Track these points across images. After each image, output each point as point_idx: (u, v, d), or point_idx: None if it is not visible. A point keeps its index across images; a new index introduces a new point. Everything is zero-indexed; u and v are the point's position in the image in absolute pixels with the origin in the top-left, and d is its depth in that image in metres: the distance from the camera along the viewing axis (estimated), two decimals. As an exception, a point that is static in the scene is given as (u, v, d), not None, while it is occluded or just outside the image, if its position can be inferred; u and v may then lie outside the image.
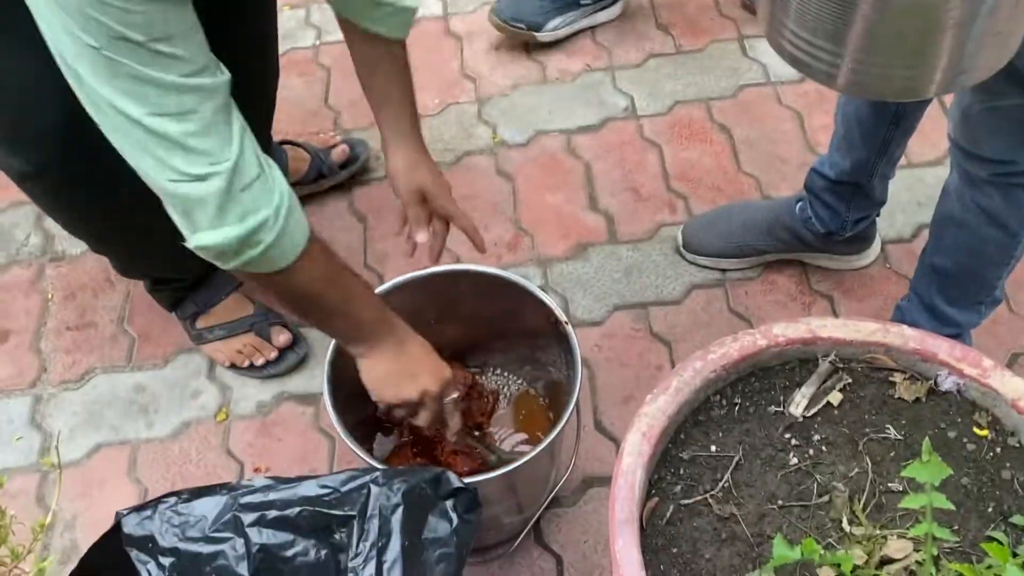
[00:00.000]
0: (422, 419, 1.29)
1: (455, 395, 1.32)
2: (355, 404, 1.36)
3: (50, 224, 1.91)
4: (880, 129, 1.49)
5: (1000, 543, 0.86)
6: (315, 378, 1.68)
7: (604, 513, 1.50)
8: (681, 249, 1.80)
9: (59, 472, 0.94)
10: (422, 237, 1.40)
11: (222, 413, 1.65)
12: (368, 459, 1.23)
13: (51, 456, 0.90)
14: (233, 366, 1.68)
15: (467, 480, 1.03)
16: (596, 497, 1.52)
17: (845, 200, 1.63)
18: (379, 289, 1.39)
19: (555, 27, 2.17)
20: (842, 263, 1.76)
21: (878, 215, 1.70)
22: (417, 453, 1.43)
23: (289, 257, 1.07)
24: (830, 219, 1.66)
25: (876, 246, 1.77)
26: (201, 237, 1.01)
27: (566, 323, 1.34)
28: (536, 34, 2.16)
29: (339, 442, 1.60)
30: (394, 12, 1.31)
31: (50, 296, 1.83)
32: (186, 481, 1.58)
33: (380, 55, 1.34)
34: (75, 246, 1.89)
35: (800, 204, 1.70)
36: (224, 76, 1.01)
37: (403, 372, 1.24)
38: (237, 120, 1.02)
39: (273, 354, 1.67)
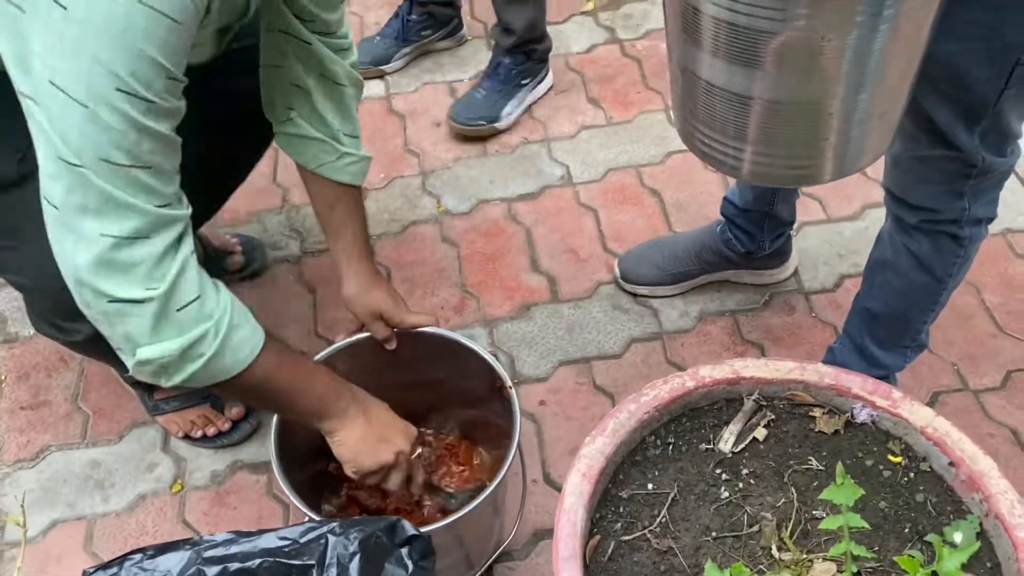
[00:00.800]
0: (394, 480, 1.34)
1: (419, 451, 1.38)
2: (303, 467, 1.41)
3: (2, 307, 1.94)
4: None
5: (913, 558, 0.93)
6: (266, 446, 1.70)
7: (556, 564, 1.54)
8: (619, 280, 1.92)
9: (23, 545, 0.96)
10: (391, 346, 1.48)
11: (177, 484, 1.67)
12: (314, 516, 1.27)
13: (16, 518, 0.92)
14: (187, 436, 1.71)
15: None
16: (547, 549, 1.57)
17: (758, 224, 1.78)
18: (327, 351, 1.45)
19: (509, 112, 2.29)
20: (765, 277, 1.91)
21: (792, 232, 1.85)
22: (360, 512, 1.47)
23: (233, 370, 1.12)
24: (748, 241, 1.82)
25: (794, 259, 1.92)
26: (142, 352, 1.05)
27: (509, 387, 1.40)
28: (496, 125, 2.28)
29: (292, 508, 1.63)
30: (356, 160, 1.47)
31: (3, 377, 1.84)
32: (143, 553, 1.59)
33: (339, 194, 1.46)
34: (28, 327, 1.91)
35: (720, 227, 1.85)
36: (186, 210, 1.08)
37: (375, 437, 1.30)
38: (186, 247, 1.07)
39: (226, 425, 1.71)
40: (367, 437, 1.29)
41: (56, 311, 1.34)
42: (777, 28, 0.89)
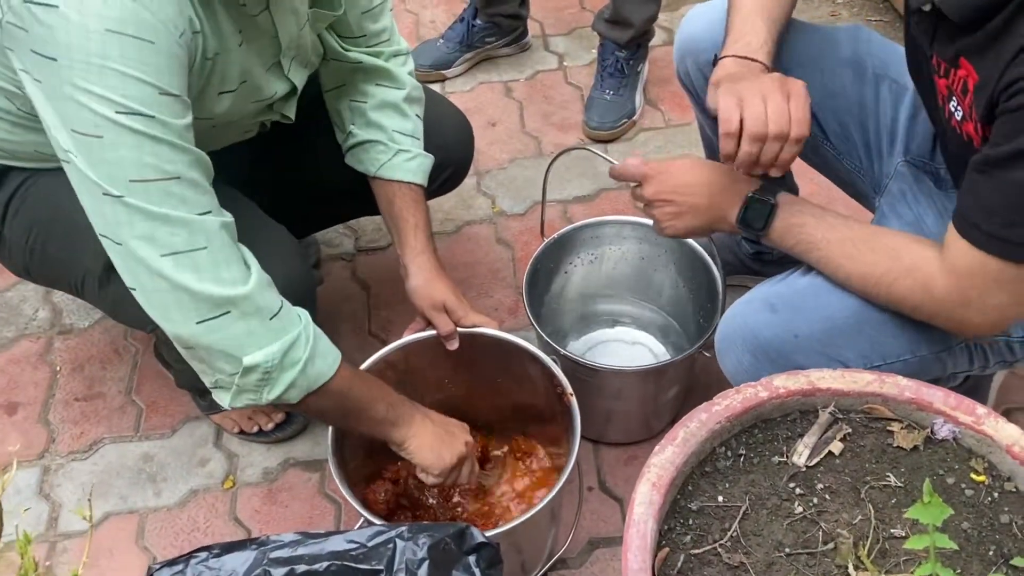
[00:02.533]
0: (467, 472, 1.38)
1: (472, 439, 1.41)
2: (357, 466, 1.40)
3: (58, 298, 1.95)
4: None
5: (1002, 582, 0.89)
6: (319, 444, 1.71)
7: (611, 574, 1.51)
8: None
9: (89, 537, 0.96)
10: (453, 345, 1.47)
11: (229, 480, 1.67)
12: (375, 520, 1.25)
13: (81, 511, 0.91)
14: (242, 432, 1.70)
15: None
16: (602, 558, 1.54)
17: None
18: (389, 347, 1.45)
19: (638, 102, 2.32)
20: None
21: None
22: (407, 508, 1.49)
23: (323, 376, 1.19)
24: (752, 240, 1.73)
25: None
26: (248, 358, 1.12)
27: (570, 394, 1.38)
28: (634, 119, 2.29)
29: (345, 507, 1.62)
30: (412, 157, 1.49)
31: (58, 368, 1.85)
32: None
33: (396, 190, 1.49)
34: (83, 319, 1.92)
35: None
36: (227, 218, 1.13)
37: (443, 437, 1.33)
38: (248, 256, 1.15)
39: (280, 417, 1.70)
40: (438, 435, 1.33)
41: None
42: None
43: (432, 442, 1.31)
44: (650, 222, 1.60)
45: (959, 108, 1.13)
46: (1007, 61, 1.01)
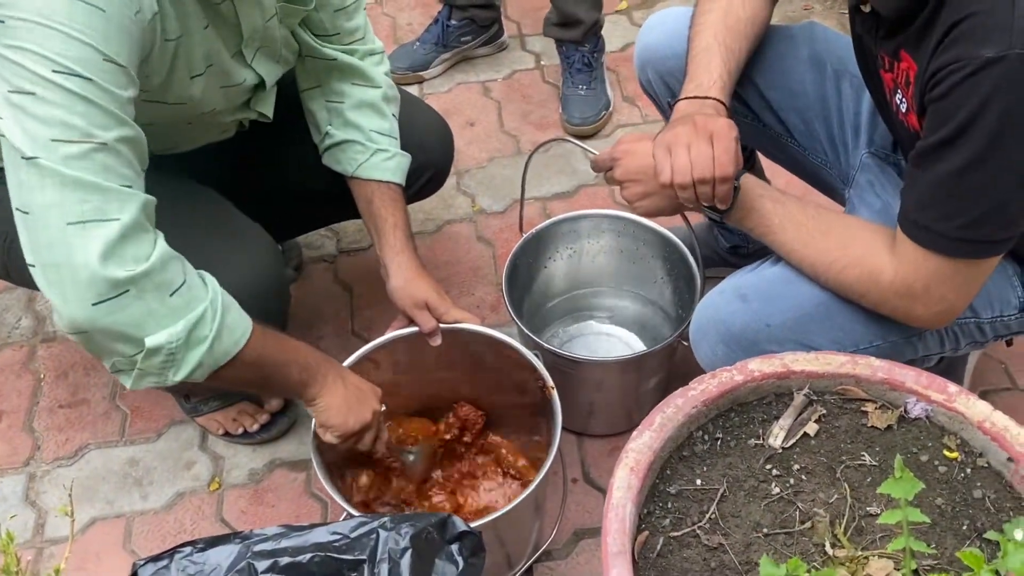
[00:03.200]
0: (367, 439, 1.36)
1: (383, 407, 1.39)
2: (341, 463, 1.41)
3: (40, 306, 1.95)
4: None
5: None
6: (305, 444, 1.71)
7: (596, 564, 1.52)
8: None
9: (71, 534, 0.96)
10: (436, 342, 1.47)
11: (215, 482, 1.67)
12: (355, 513, 1.26)
13: (64, 508, 0.92)
14: (227, 434, 1.71)
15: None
16: (587, 548, 1.55)
17: None
18: (371, 344, 1.46)
19: (610, 93, 2.35)
20: None
21: None
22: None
23: (232, 351, 1.14)
24: (728, 235, 1.80)
25: None
26: (150, 340, 1.06)
27: (551, 387, 1.39)
28: (610, 109, 2.31)
29: (331, 505, 1.62)
30: (390, 156, 1.49)
31: (42, 376, 1.85)
32: (181, 551, 1.59)
33: (375, 190, 1.49)
34: (66, 326, 1.92)
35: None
36: (149, 197, 1.09)
37: (355, 399, 1.31)
38: (157, 233, 1.10)
39: (265, 418, 1.70)
40: (348, 399, 1.30)
41: None
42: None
43: (339, 404, 1.29)
44: (627, 215, 1.63)
45: (904, 100, 1.16)
46: (931, 51, 1.03)
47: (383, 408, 1.38)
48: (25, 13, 0.99)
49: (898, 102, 1.18)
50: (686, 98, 1.30)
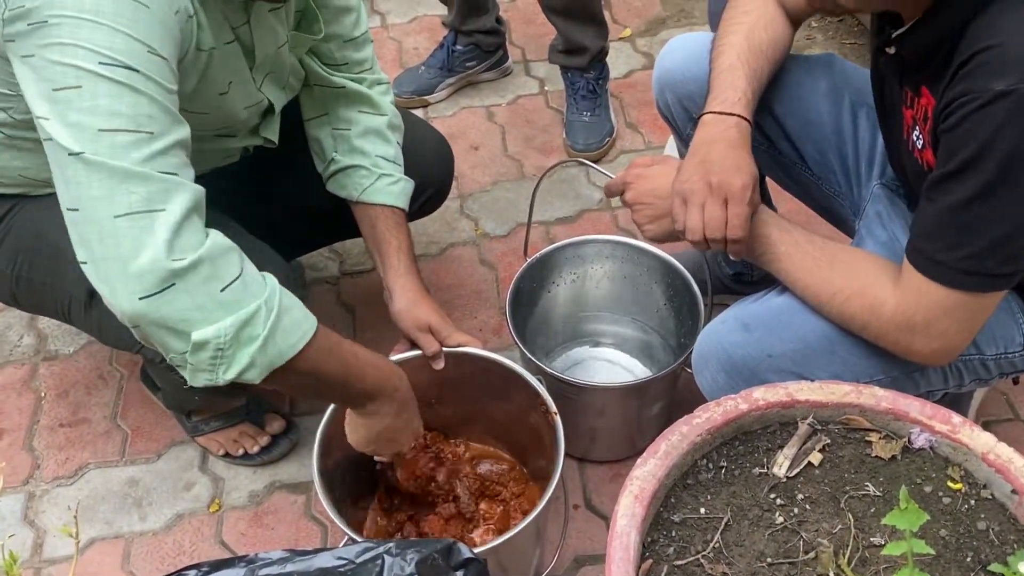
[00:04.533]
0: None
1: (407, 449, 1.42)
2: (343, 487, 1.40)
3: (43, 324, 1.95)
4: None
5: (979, 587, 0.90)
6: (305, 466, 1.71)
7: (597, 591, 1.52)
8: None
9: (75, 556, 0.96)
10: (439, 365, 1.48)
11: (215, 504, 1.67)
12: (358, 538, 1.26)
13: (67, 529, 0.92)
14: (227, 455, 1.70)
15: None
16: (588, 575, 1.54)
17: None
18: None
19: (613, 118, 2.36)
20: None
21: None
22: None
23: (287, 354, 1.10)
24: (733, 261, 1.78)
25: None
26: (196, 333, 1.04)
27: (554, 413, 1.39)
28: (613, 136, 2.33)
29: (331, 528, 1.62)
30: (394, 181, 1.51)
31: (43, 394, 1.85)
32: (180, 573, 1.58)
33: (379, 213, 1.51)
34: (68, 345, 1.92)
35: None
36: (199, 188, 1.07)
37: (394, 432, 1.34)
38: (208, 228, 1.08)
39: (266, 440, 1.70)
40: (382, 433, 1.32)
41: None
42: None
43: (378, 431, 1.32)
44: (632, 241, 1.63)
45: (920, 136, 1.17)
46: (945, 84, 1.04)
47: (407, 449, 1.41)
48: (70, 11, 0.99)
49: (915, 139, 1.18)
50: (711, 113, 1.29)
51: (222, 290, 1.05)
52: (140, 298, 1.01)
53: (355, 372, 1.23)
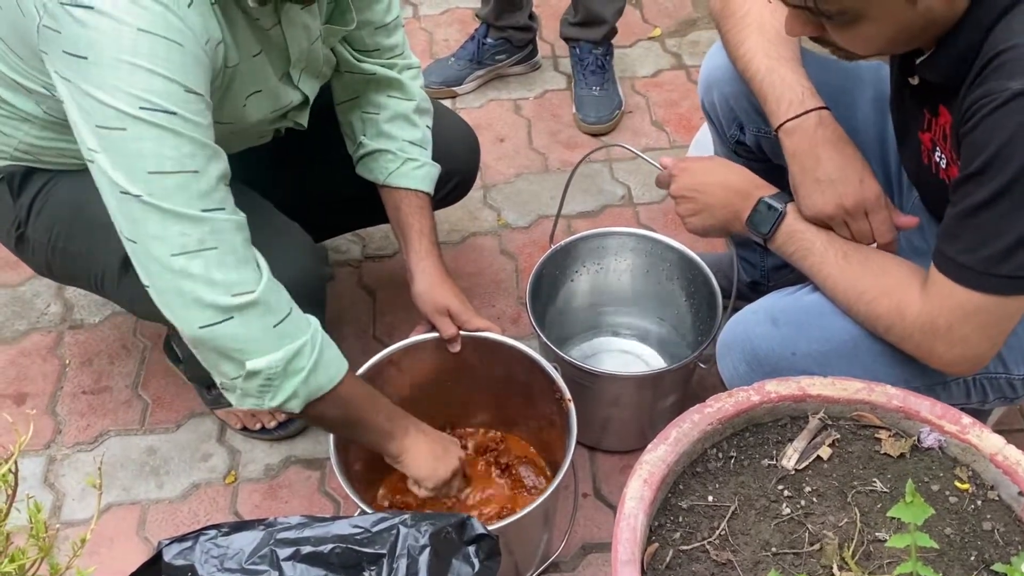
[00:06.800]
0: (457, 485, 1.42)
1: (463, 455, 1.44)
2: (359, 462, 1.42)
3: (70, 294, 1.99)
4: None
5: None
6: (321, 443, 1.73)
7: (603, 579, 1.54)
8: None
9: (98, 507, 0.98)
10: (455, 348, 1.50)
11: (231, 476, 1.70)
12: (370, 511, 1.28)
13: (92, 479, 0.94)
14: (245, 428, 1.73)
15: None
16: (594, 563, 1.56)
17: (756, 251, 1.75)
18: (392, 348, 1.48)
19: (621, 92, 2.41)
20: None
21: None
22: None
23: (326, 386, 1.21)
24: (751, 270, 1.80)
25: None
26: (251, 363, 1.15)
27: (568, 400, 1.41)
28: (622, 108, 2.38)
29: (344, 505, 1.64)
30: (420, 165, 1.53)
31: (67, 362, 1.89)
32: (194, 541, 1.61)
33: (403, 197, 1.54)
34: (93, 315, 1.96)
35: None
36: (240, 217, 1.15)
37: (438, 451, 1.37)
38: (260, 260, 1.18)
39: (283, 415, 1.72)
40: (434, 449, 1.36)
41: None
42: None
43: (427, 455, 1.35)
44: (655, 235, 1.64)
45: (943, 156, 1.17)
46: (964, 93, 1.05)
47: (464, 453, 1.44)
48: (110, 51, 1.04)
49: (937, 159, 1.19)
50: (789, 120, 1.27)
51: (275, 325, 1.16)
52: (200, 327, 1.13)
53: (380, 407, 1.33)
